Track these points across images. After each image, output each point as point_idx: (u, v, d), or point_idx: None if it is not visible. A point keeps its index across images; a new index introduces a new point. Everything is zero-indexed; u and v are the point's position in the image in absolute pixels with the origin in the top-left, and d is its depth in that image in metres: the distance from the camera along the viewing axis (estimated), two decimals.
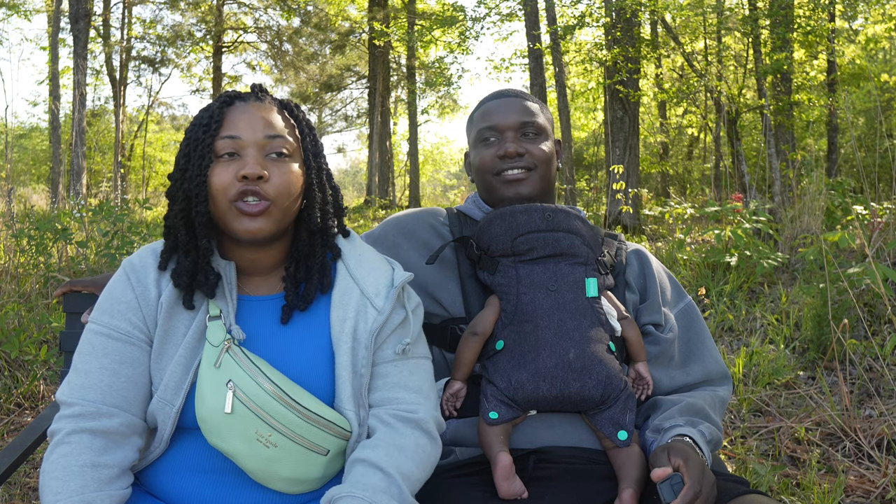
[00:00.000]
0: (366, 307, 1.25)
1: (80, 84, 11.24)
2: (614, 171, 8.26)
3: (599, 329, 1.37)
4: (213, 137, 1.19)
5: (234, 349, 1.17)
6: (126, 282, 1.23)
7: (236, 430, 1.13)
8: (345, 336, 1.22)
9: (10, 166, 9.33)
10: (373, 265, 1.31)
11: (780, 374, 3.30)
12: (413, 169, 19.43)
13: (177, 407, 1.17)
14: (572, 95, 15.33)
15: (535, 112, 1.57)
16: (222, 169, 1.18)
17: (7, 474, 1.40)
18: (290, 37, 20.57)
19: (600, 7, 10.28)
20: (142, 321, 1.21)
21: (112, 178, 16.06)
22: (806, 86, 10.67)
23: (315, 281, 1.26)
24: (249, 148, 1.19)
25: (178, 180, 1.21)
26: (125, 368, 1.18)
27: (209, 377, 1.16)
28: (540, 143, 1.54)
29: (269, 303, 1.27)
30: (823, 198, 5.73)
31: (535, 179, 1.53)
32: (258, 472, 1.15)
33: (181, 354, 1.19)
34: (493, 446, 1.30)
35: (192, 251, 1.21)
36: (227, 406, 1.13)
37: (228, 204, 1.17)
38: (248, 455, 1.14)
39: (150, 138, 21.80)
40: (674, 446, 1.23)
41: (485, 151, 1.55)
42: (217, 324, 1.20)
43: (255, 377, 1.15)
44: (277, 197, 1.19)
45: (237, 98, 1.25)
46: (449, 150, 29.39)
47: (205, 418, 1.14)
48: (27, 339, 3.43)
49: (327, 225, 1.29)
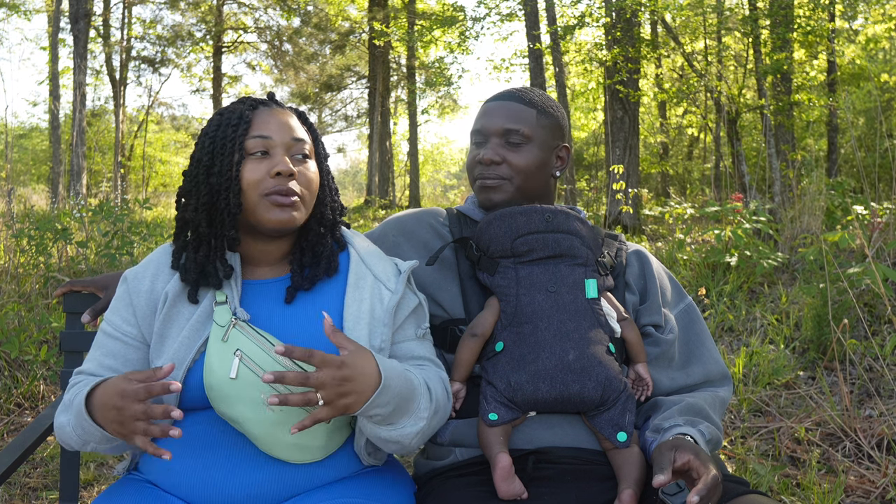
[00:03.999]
0: (380, 289, 1.34)
1: (80, 84, 11.24)
2: (614, 171, 8.25)
3: (599, 330, 1.37)
4: (243, 136, 1.28)
5: (240, 324, 1.25)
6: (124, 282, 1.36)
7: (242, 395, 1.19)
8: (362, 315, 1.30)
9: (10, 166, 9.33)
10: (380, 255, 1.42)
11: (780, 374, 3.30)
12: (413, 169, 19.42)
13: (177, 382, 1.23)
14: (572, 95, 15.34)
15: (525, 119, 1.50)
16: (254, 165, 1.28)
17: (7, 474, 1.40)
18: (290, 37, 20.57)
19: (600, 7, 10.28)
20: (132, 315, 1.31)
21: (112, 178, 16.07)
22: (806, 86, 10.66)
23: (322, 265, 1.35)
24: (278, 148, 1.29)
25: (200, 176, 1.29)
26: (108, 360, 1.30)
27: (217, 350, 1.22)
28: (523, 153, 1.49)
29: (273, 285, 1.35)
30: (823, 198, 5.73)
31: (509, 189, 1.49)
32: (263, 438, 1.19)
33: (185, 336, 1.26)
34: (493, 447, 1.30)
35: (203, 245, 1.29)
36: (232, 372, 1.19)
37: (260, 197, 1.27)
38: (253, 420, 1.18)
39: (150, 138, 21.79)
40: (680, 443, 1.22)
41: (471, 153, 1.56)
42: (223, 308, 1.27)
43: (262, 345, 1.22)
44: (305, 193, 1.31)
45: (260, 103, 1.35)
46: (449, 150, 29.38)
47: (212, 386, 1.20)
48: (27, 339, 3.43)
49: (336, 220, 1.41)
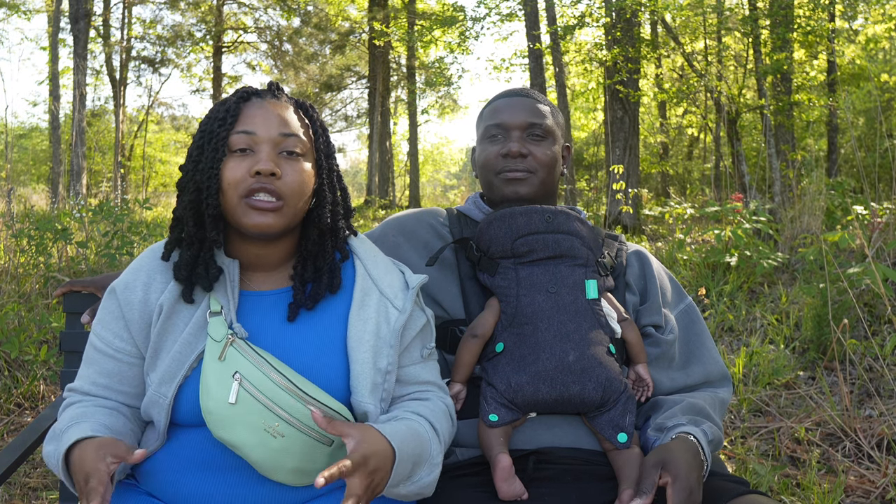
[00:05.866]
0: (387, 307, 1.26)
1: (80, 84, 11.24)
2: (614, 171, 8.25)
3: (599, 331, 1.37)
4: (228, 131, 1.19)
5: (238, 342, 1.17)
6: (112, 293, 1.27)
7: (243, 421, 1.12)
8: (367, 335, 1.23)
9: (10, 166, 9.33)
10: (387, 267, 1.33)
11: (780, 375, 3.29)
12: (413, 169, 19.41)
13: (169, 398, 1.18)
14: (572, 95, 15.32)
15: (544, 114, 1.56)
16: (235, 163, 1.19)
17: (7, 474, 1.40)
18: (290, 37, 20.56)
19: (600, 7, 10.27)
20: (124, 329, 1.24)
21: (112, 178, 16.06)
22: (806, 86, 10.67)
23: (324, 281, 1.27)
24: (264, 144, 1.19)
25: (189, 172, 1.22)
26: (102, 379, 1.25)
27: (213, 370, 1.15)
28: (545, 147, 1.54)
29: (273, 298, 1.27)
30: (823, 198, 5.73)
31: (535, 182, 1.52)
32: (264, 464, 1.13)
33: (178, 349, 1.19)
34: (493, 448, 1.30)
35: (194, 244, 1.22)
36: (231, 397, 1.12)
37: (239, 199, 1.18)
38: (254, 446, 1.12)
39: (150, 138, 21.79)
40: (668, 458, 1.21)
41: (490, 148, 1.55)
42: (218, 320, 1.19)
43: (262, 367, 1.15)
44: (290, 195, 1.20)
45: (254, 94, 1.24)
46: (449, 150, 29.38)
47: (210, 410, 1.13)
48: (27, 339, 3.43)
49: (337, 225, 1.30)
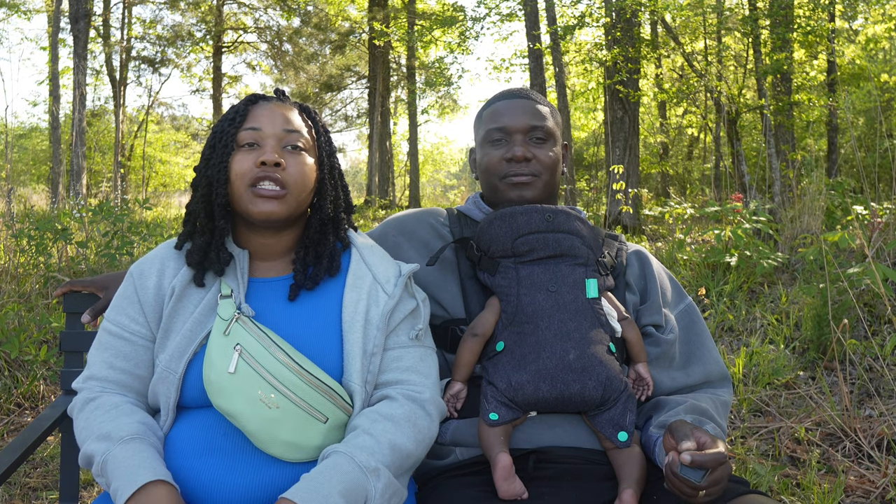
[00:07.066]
0: (377, 291, 1.33)
1: (80, 84, 11.23)
2: (614, 171, 8.25)
3: (600, 330, 1.37)
4: (236, 129, 1.31)
5: (243, 319, 1.25)
6: (129, 277, 1.36)
7: (240, 391, 1.19)
8: (358, 316, 1.30)
9: (10, 166, 9.33)
10: (383, 256, 1.42)
11: (780, 374, 3.29)
12: (413, 169, 19.41)
13: (179, 373, 1.25)
14: (572, 95, 15.32)
15: (545, 116, 1.55)
16: (243, 157, 1.30)
17: (7, 474, 1.40)
18: (290, 37, 20.56)
19: (600, 7, 10.28)
20: (139, 312, 1.32)
21: (112, 178, 16.07)
22: (806, 86, 10.67)
23: (324, 264, 1.35)
24: (269, 139, 1.31)
25: (202, 169, 1.33)
26: (119, 362, 1.30)
27: (218, 344, 1.23)
28: (547, 149, 1.54)
29: (278, 283, 1.36)
30: (823, 198, 5.73)
31: (539, 185, 1.52)
32: (259, 434, 1.19)
33: (188, 328, 1.28)
34: (494, 447, 1.30)
35: (206, 233, 1.32)
36: (231, 366, 1.20)
37: (246, 188, 1.28)
38: (249, 415, 1.18)
39: (150, 138, 21.77)
40: (696, 428, 1.18)
41: (492, 152, 1.54)
42: (228, 301, 1.28)
43: (262, 341, 1.23)
44: (293, 185, 1.30)
45: (262, 98, 1.38)
46: (449, 150, 29.36)
47: (211, 380, 1.21)
48: (27, 339, 3.43)
49: (339, 217, 1.40)
